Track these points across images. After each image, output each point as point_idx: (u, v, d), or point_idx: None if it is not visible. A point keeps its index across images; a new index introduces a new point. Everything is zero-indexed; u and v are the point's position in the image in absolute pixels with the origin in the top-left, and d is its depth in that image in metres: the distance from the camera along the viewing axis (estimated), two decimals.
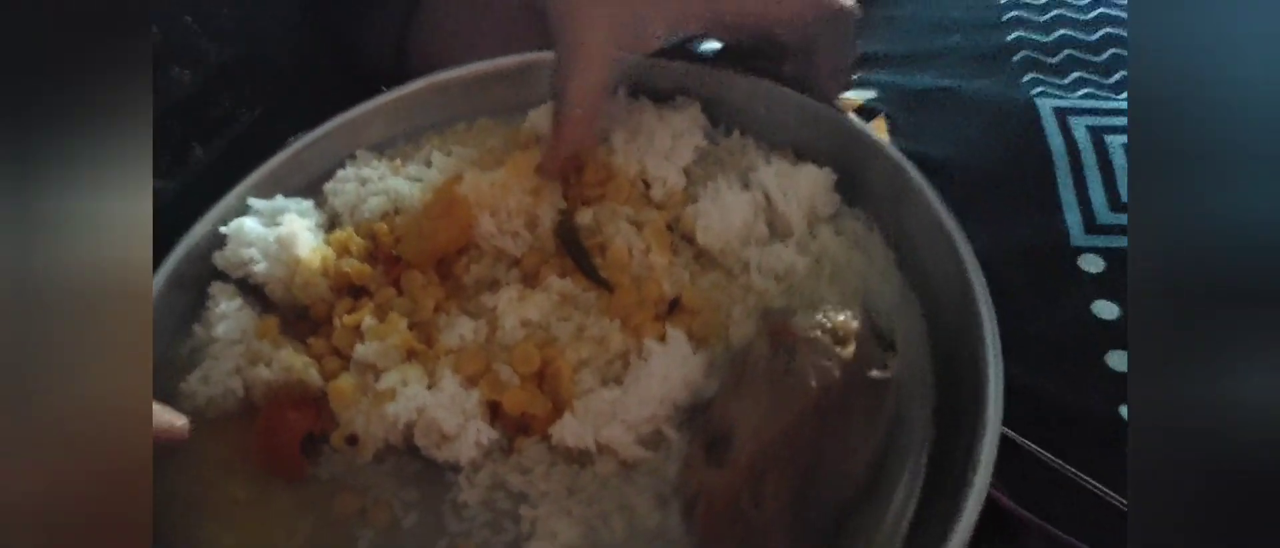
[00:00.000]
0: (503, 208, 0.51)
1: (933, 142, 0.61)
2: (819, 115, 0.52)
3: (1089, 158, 0.63)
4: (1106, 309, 0.58)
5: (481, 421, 0.45)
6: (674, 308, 0.48)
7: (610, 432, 0.43)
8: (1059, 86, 0.69)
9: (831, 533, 0.40)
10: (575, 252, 0.49)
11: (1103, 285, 0.59)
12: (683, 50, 0.55)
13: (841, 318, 0.43)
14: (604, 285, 0.48)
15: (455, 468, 0.45)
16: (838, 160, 0.51)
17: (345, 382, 0.46)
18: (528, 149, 0.54)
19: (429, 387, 0.45)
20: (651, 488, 0.43)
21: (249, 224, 0.51)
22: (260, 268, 0.50)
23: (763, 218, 0.50)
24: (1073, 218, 0.62)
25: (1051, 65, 0.70)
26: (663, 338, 0.46)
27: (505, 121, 0.57)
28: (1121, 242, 0.60)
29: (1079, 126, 0.65)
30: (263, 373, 0.47)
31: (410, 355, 0.47)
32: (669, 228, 0.51)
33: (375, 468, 0.46)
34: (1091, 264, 0.59)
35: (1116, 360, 0.56)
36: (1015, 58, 0.70)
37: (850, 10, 0.50)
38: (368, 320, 0.48)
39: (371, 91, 0.57)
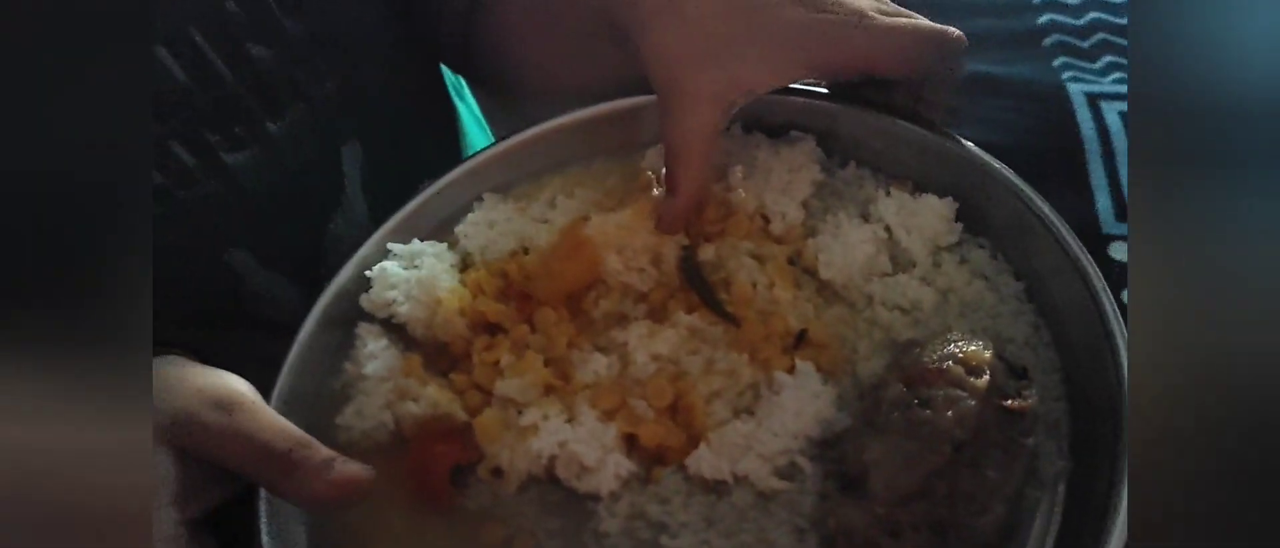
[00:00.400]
0: (628, 246, 0.53)
1: (967, 125, 0.60)
2: (935, 146, 0.53)
3: (1120, 144, 0.61)
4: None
5: (619, 453, 0.46)
6: (800, 342, 0.50)
7: (747, 463, 0.45)
8: (1090, 71, 0.67)
9: None
10: (700, 287, 0.51)
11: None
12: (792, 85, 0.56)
13: (973, 348, 0.43)
14: (730, 320, 0.50)
15: (595, 498, 0.47)
16: (958, 190, 0.52)
17: (490, 417, 0.49)
18: (647, 189, 0.55)
19: (568, 421, 0.47)
20: (788, 521, 0.44)
21: (391, 267, 0.54)
22: (403, 309, 0.53)
23: (885, 251, 0.51)
24: (1104, 203, 0.60)
25: (1083, 49, 0.68)
26: (791, 370, 0.47)
27: (622, 162, 0.59)
28: None
29: (1110, 112, 0.64)
30: (412, 408, 0.49)
31: (548, 391, 0.49)
32: (790, 262, 0.52)
33: (519, 499, 0.48)
34: (1121, 252, 0.57)
35: None
36: (1046, 41, 0.68)
37: (957, 38, 0.50)
38: (506, 357, 0.51)
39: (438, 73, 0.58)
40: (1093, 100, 0.65)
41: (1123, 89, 0.66)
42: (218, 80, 0.53)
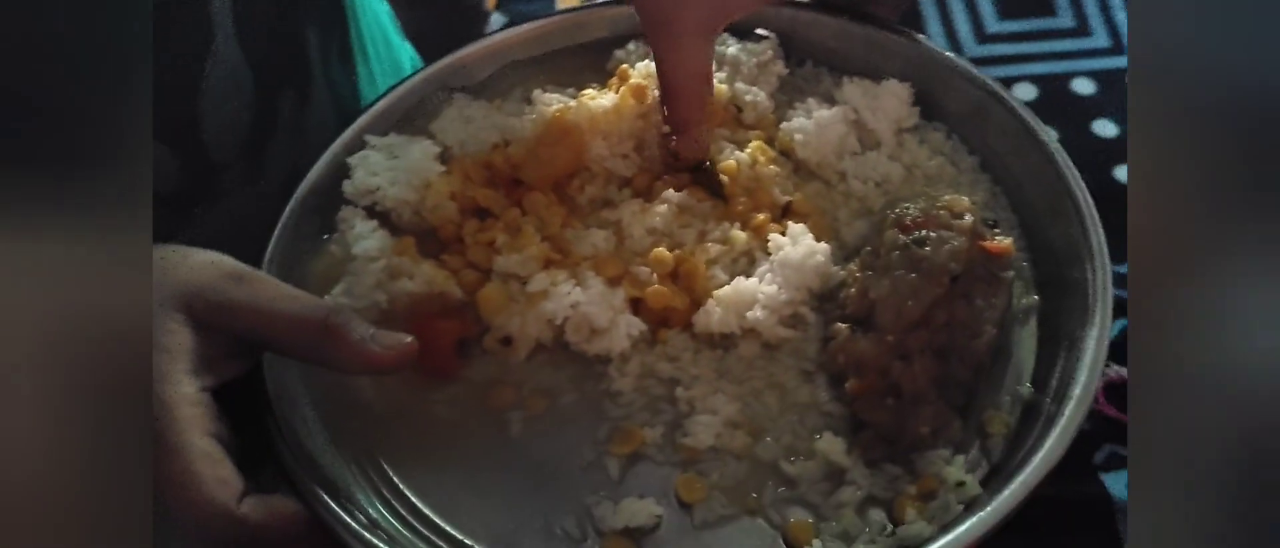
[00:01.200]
0: (613, 132, 0.54)
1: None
2: (889, 43, 0.57)
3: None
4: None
5: (629, 314, 0.48)
6: (786, 213, 0.53)
7: (753, 315, 0.47)
8: None
9: (970, 390, 0.45)
10: (702, 174, 0.53)
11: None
12: None
13: (951, 198, 0.48)
14: (722, 197, 0.53)
15: (605, 360, 0.48)
16: (912, 81, 0.56)
17: (492, 289, 0.49)
18: (624, 78, 0.57)
19: (577, 285, 0.48)
20: (795, 365, 0.47)
21: (373, 155, 0.54)
22: (392, 192, 0.52)
23: (853, 132, 0.55)
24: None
25: None
26: (783, 232, 0.50)
27: (591, 57, 0.61)
28: (992, 73, 0.59)
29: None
30: (406, 285, 0.49)
31: (548, 264, 0.50)
32: (767, 143, 0.55)
33: (527, 365, 0.49)
34: (1103, 129, 0.62)
35: None
36: None
37: None
38: (502, 237, 0.51)
39: None
40: None
41: None
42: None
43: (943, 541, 0.38)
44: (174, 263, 0.41)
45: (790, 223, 0.50)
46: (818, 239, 0.50)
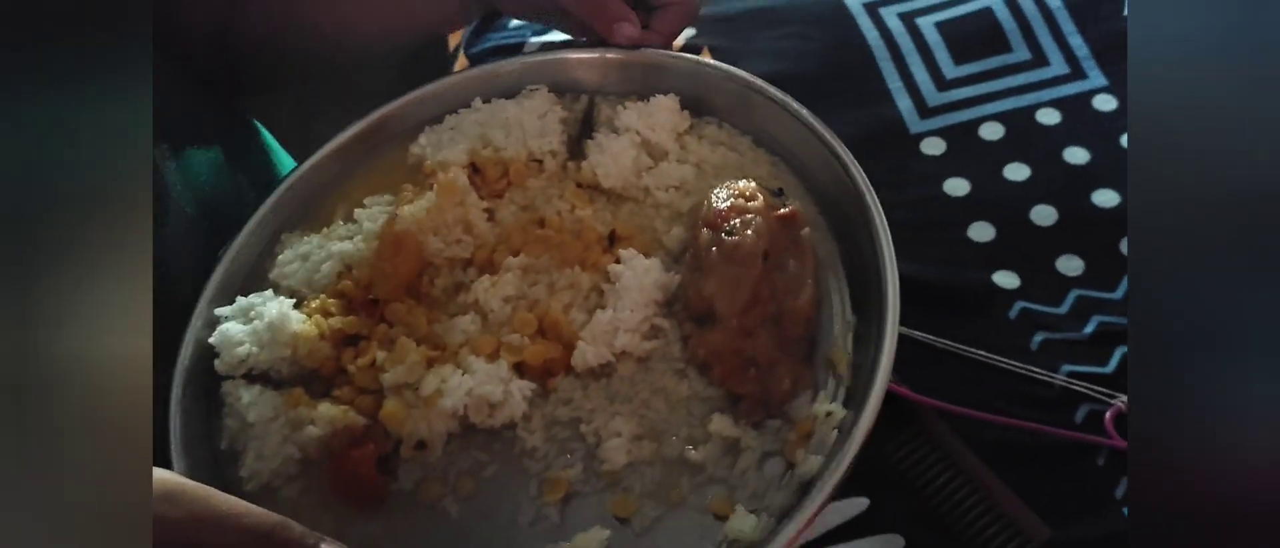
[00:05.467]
0: (441, 225, 0.60)
1: (757, 60, 0.69)
2: (650, 63, 0.65)
3: (906, 43, 0.65)
4: (958, 186, 0.61)
5: (517, 379, 0.54)
6: (613, 242, 0.60)
7: (620, 341, 0.54)
8: None
9: (810, 340, 0.54)
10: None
11: (946, 165, 0.63)
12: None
13: (740, 184, 0.56)
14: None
15: (511, 426, 0.54)
16: (679, 91, 0.64)
17: (391, 405, 0.54)
18: (431, 174, 0.62)
19: (464, 374, 0.54)
20: (669, 368, 0.55)
21: (231, 327, 0.57)
22: (264, 355, 0.56)
23: (642, 150, 0.63)
24: (905, 105, 0.65)
25: None
26: (617, 261, 0.57)
27: (395, 155, 0.66)
28: (957, 118, 0.63)
29: (891, 16, 0.68)
30: (312, 431, 0.54)
31: (430, 363, 0.56)
32: (578, 186, 0.62)
33: (445, 458, 0.54)
34: (933, 147, 0.63)
35: (977, 231, 0.59)
36: None
37: None
38: (380, 354, 0.56)
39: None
40: (871, 9, 0.68)
41: None
42: None
43: (831, 468, 0.46)
44: None
45: (620, 250, 0.58)
46: (646, 255, 0.58)
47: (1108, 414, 0.50)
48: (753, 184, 0.56)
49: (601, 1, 0.63)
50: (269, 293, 0.59)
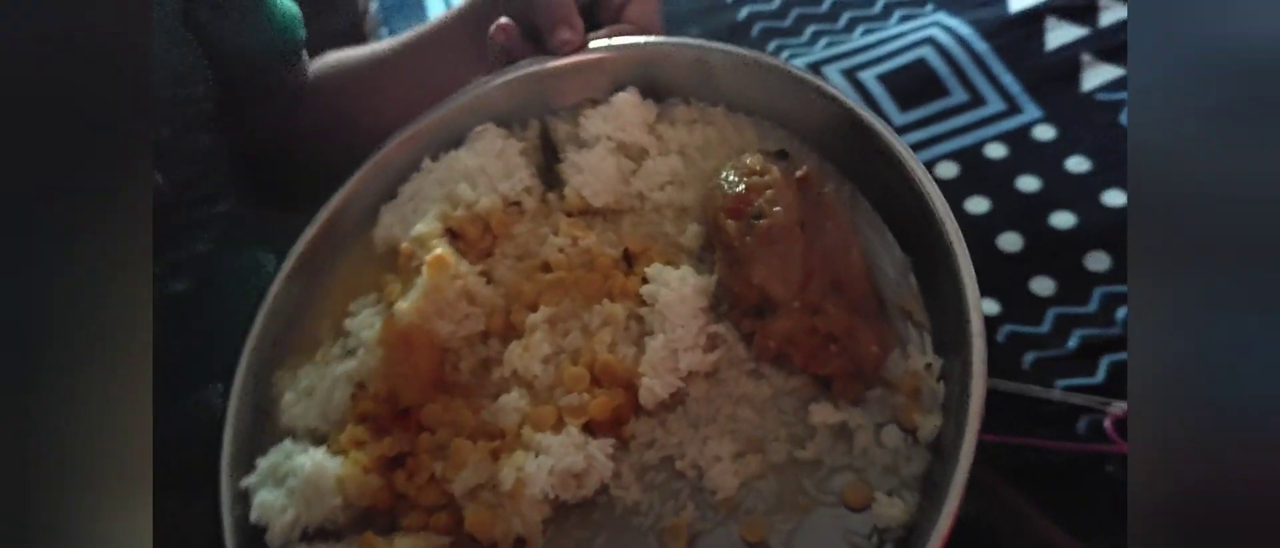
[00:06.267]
0: (444, 306, 0.55)
1: None
2: (588, 63, 0.60)
3: (853, 98, 0.65)
4: (978, 204, 0.63)
5: (592, 441, 0.50)
6: (630, 262, 0.56)
7: (684, 362, 0.51)
8: (800, 45, 0.77)
9: (874, 295, 0.51)
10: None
11: None
12: None
13: (747, 161, 0.52)
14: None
15: (603, 490, 0.50)
16: (633, 82, 0.59)
17: (473, 512, 0.50)
18: (408, 255, 0.57)
19: (536, 455, 0.50)
20: (743, 370, 0.51)
21: (264, 496, 0.52)
22: (314, 513, 0.51)
23: (619, 155, 0.58)
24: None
25: (786, 29, 0.77)
26: (644, 281, 0.53)
27: (358, 248, 0.60)
28: None
29: (834, 73, 0.73)
30: None
31: (496, 455, 0.51)
32: (568, 216, 0.58)
33: (550, 544, 0.50)
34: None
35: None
36: (753, 32, 0.78)
37: None
38: (437, 466, 0.51)
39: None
40: (814, 70, 0.72)
41: (834, 51, 0.73)
42: (165, 204, 0.52)
43: (964, 423, 0.44)
44: None
45: (643, 269, 0.54)
46: (671, 265, 0.54)
47: (1106, 422, 0.52)
48: (758, 157, 0.52)
49: (553, 3, 0.58)
50: (287, 443, 0.54)
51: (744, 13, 0.81)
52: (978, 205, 0.64)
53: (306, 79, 0.70)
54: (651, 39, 0.60)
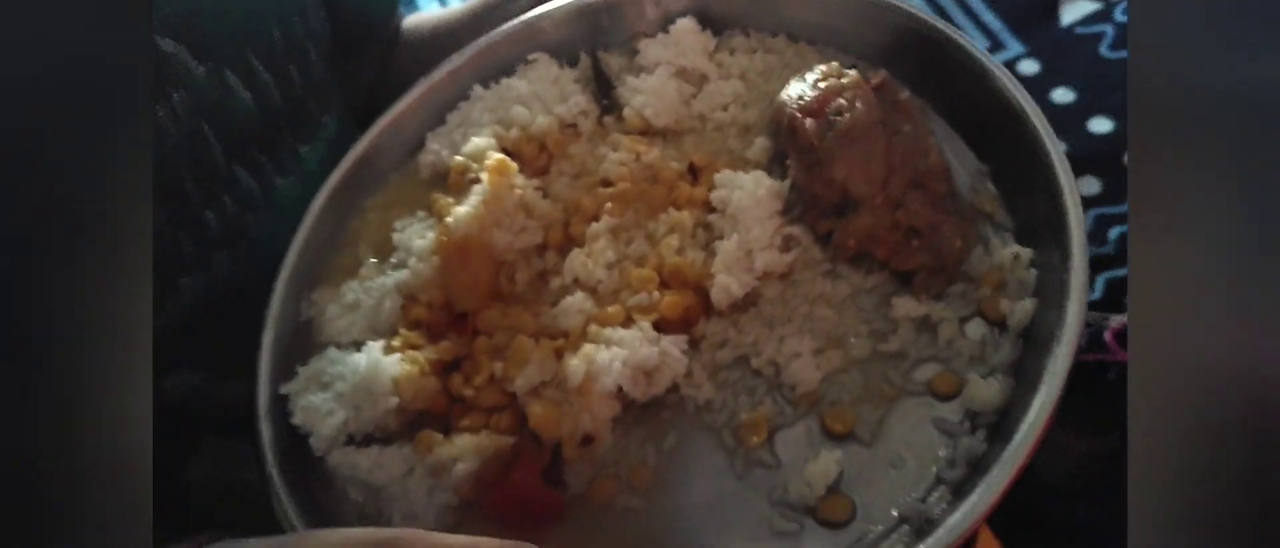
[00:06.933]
0: (500, 217, 0.53)
1: None
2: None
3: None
4: None
5: (664, 339, 0.48)
6: (695, 176, 0.55)
7: (759, 261, 0.49)
8: None
9: (953, 193, 0.50)
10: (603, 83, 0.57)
11: None
12: None
13: (822, 67, 0.52)
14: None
15: (675, 389, 0.48)
16: (694, 13, 0.59)
17: (539, 408, 0.47)
18: (460, 171, 0.56)
19: (606, 347, 0.48)
20: (818, 271, 0.50)
21: (313, 400, 0.49)
22: (365, 414, 0.48)
23: (680, 80, 0.58)
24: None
25: None
26: (711, 189, 0.52)
27: (403, 173, 0.59)
28: None
29: None
30: (461, 469, 0.46)
31: (560, 355, 0.49)
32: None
33: (614, 448, 0.47)
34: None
35: None
36: None
37: None
38: (496, 367, 0.49)
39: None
40: None
41: None
42: (272, 107, 0.54)
43: (1069, 298, 0.42)
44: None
45: (713, 176, 0.52)
46: (738, 169, 0.53)
47: (1107, 334, 0.53)
48: (832, 64, 0.52)
49: None
50: (331, 351, 0.51)
51: None
52: None
53: (400, 31, 0.74)
54: None
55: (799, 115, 0.50)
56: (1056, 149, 0.46)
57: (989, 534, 0.48)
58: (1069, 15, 0.72)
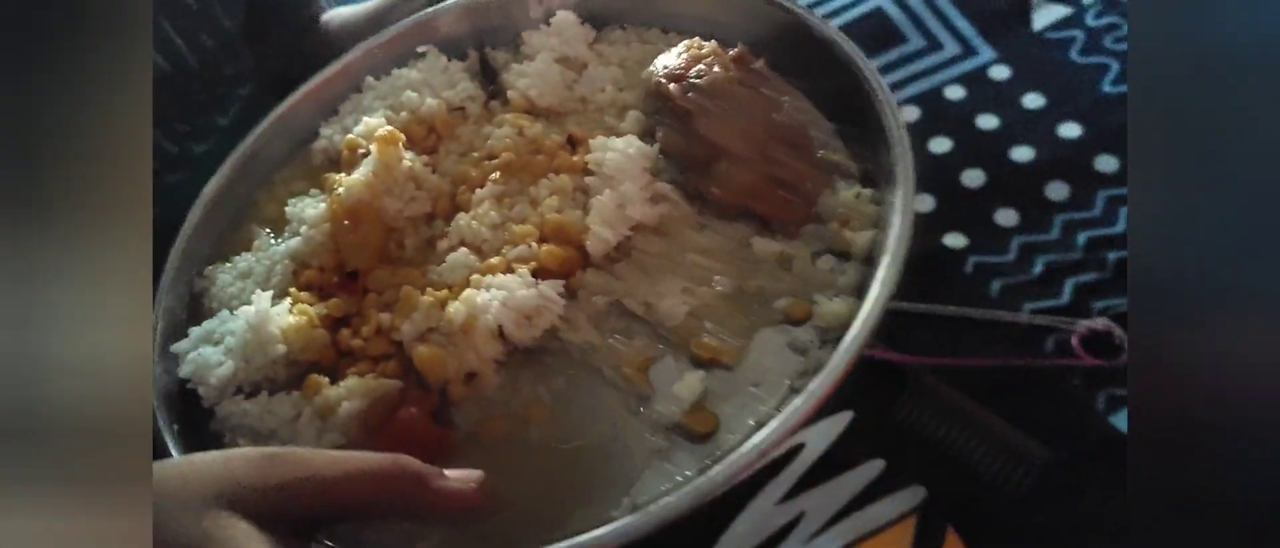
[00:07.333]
0: (391, 185, 0.56)
1: None
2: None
3: None
4: (940, 143, 0.65)
5: (540, 283, 0.51)
6: (573, 147, 0.58)
7: (630, 212, 0.53)
8: None
9: (808, 146, 0.54)
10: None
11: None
12: None
13: (686, 42, 0.57)
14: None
15: (554, 333, 0.51)
16: (576, 10, 0.64)
17: (424, 350, 0.49)
18: (352, 148, 0.59)
19: (491, 291, 0.50)
20: (689, 227, 0.53)
21: (203, 352, 0.51)
22: (254, 364, 0.50)
23: (562, 66, 0.62)
24: None
25: None
26: (584, 149, 0.56)
27: (296, 167, 0.62)
28: None
29: None
30: (348, 408, 0.48)
31: (443, 305, 0.51)
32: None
33: (501, 388, 0.50)
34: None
35: (919, 203, 0.60)
36: None
37: None
38: (384, 317, 0.51)
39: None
40: None
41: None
42: (187, 70, 0.56)
43: (873, 236, 0.48)
44: (200, 468, 0.37)
45: (590, 142, 0.56)
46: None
47: (1073, 339, 0.55)
48: (694, 39, 0.57)
49: None
50: (223, 312, 0.53)
51: None
52: (941, 145, 0.65)
53: (318, 16, 0.77)
54: None
55: (665, 81, 0.55)
56: (892, 106, 0.51)
57: (956, 540, 0.50)
58: (1040, 20, 0.72)
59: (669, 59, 0.56)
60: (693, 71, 0.54)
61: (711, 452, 0.45)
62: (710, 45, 0.55)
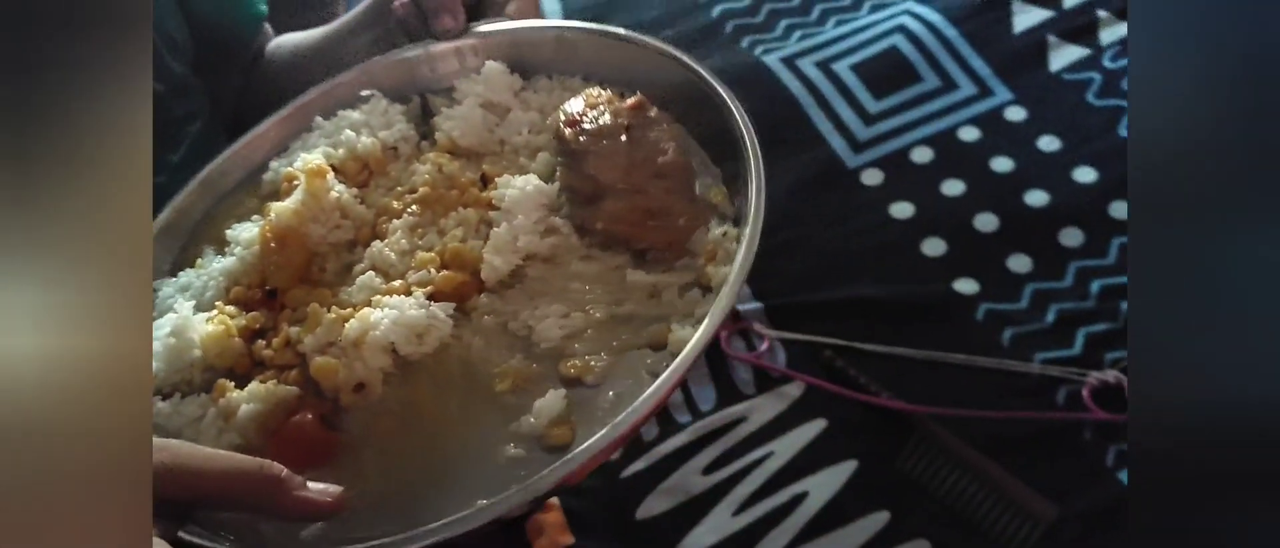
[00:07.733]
0: (318, 213, 0.62)
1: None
2: (475, 47, 0.71)
3: (828, 89, 0.67)
4: (903, 209, 0.64)
5: (435, 304, 0.56)
6: (485, 184, 0.64)
7: (522, 244, 0.58)
8: (774, 40, 0.75)
9: (689, 184, 0.59)
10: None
11: (888, 191, 0.66)
12: None
13: (589, 91, 0.62)
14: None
15: (447, 352, 0.56)
16: (508, 62, 0.70)
17: (320, 361, 0.55)
18: (289, 179, 0.65)
19: (385, 310, 0.55)
20: (573, 257, 0.58)
21: None
22: (175, 366, 0.55)
23: (486, 111, 0.68)
24: (838, 143, 0.67)
25: (759, 25, 0.76)
26: (493, 186, 0.61)
27: (250, 189, 0.68)
28: (888, 148, 0.66)
29: (808, 66, 0.71)
30: (247, 411, 0.53)
31: (345, 322, 0.56)
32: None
33: (389, 396, 0.55)
34: (872, 178, 0.65)
35: (930, 247, 0.61)
36: (726, 30, 0.77)
37: None
38: (294, 330, 0.57)
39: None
40: (788, 63, 0.72)
41: (808, 44, 0.72)
42: None
43: (729, 270, 0.51)
44: None
45: (496, 179, 0.62)
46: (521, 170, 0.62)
47: (1084, 391, 0.53)
48: (599, 88, 0.62)
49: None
50: (155, 319, 0.59)
51: (716, 11, 0.79)
52: (953, 188, 0.63)
53: (264, 51, 0.80)
54: (519, 23, 0.71)
55: (563, 125, 0.60)
56: (754, 153, 0.55)
57: None
58: (1057, 62, 0.70)
59: (572, 105, 0.61)
60: (588, 117, 0.59)
61: (560, 459, 0.49)
62: (606, 94, 0.61)
